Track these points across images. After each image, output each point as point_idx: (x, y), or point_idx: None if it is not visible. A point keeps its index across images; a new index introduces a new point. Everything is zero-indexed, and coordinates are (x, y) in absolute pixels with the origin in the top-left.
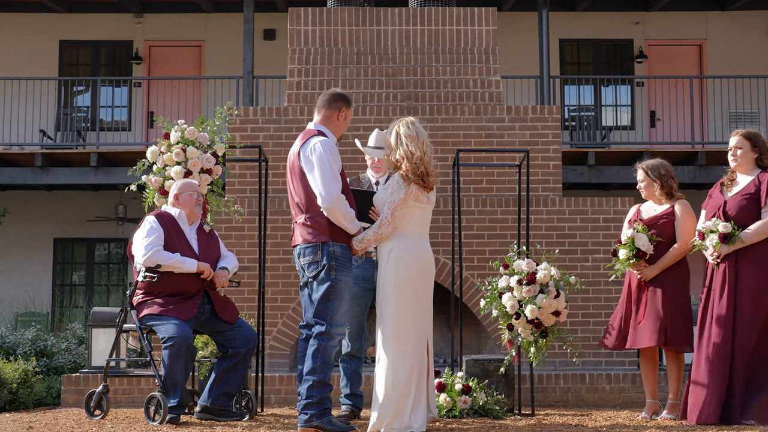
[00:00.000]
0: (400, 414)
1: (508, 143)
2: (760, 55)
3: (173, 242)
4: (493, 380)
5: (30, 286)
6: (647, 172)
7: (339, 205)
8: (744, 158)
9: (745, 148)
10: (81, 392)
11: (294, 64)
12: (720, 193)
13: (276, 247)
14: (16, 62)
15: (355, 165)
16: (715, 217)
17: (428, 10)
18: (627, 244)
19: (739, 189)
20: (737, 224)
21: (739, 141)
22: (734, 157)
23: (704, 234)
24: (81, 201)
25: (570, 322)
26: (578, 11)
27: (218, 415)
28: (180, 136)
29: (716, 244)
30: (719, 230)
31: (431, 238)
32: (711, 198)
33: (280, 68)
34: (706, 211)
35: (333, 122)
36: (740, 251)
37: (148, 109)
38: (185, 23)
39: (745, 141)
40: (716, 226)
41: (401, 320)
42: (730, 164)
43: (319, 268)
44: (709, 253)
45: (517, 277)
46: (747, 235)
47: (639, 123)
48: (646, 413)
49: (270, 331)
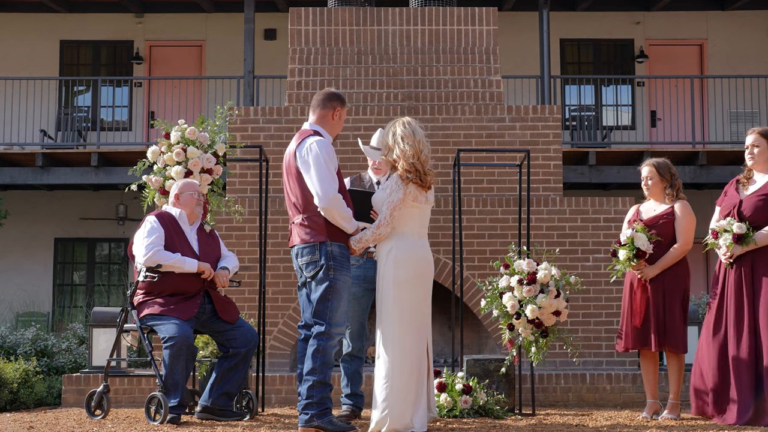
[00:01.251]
0: (401, 414)
1: (509, 143)
2: (761, 54)
3: (174, 242)
4: (494, 380)
5: (30, 286)
6: (657, 168)
7: (336, 205)
8: (761, 156)
9: (762, 146)
10: (82, 392)
11: (294, 64)
12: (736, 191)
13: (276, 246)
14: (17, 62)
15: (356, 165)
16: (729, 216)
17: (429, 10)
18: (626, 244)
19: (755, 189)
20: (752, 224)
21: (756, 139)
22: (751, 156)
23: (718, 233)
24: (81, 201)
25: (570, 321)
26: (579, 11)
27: (219, 415)
28: (180, 135)
29: (730, 244)
30: (734, 230)
31: (431, 238)
32: (726, 195)
33: (280, 68)
34: (721, 209)
35: (328, 122)
36: (756, 252)
37: (148, 109)
38: (186, 23)
39: (762, 139)
40: (731, 226)
41: (401, 320)
42: (747, 162)
43: (318, 268)
44: (722, 253)
45: (518, 277)
46: (760, 237)
47: (639, 123)
48: (646, 413)
49: (270, 331)
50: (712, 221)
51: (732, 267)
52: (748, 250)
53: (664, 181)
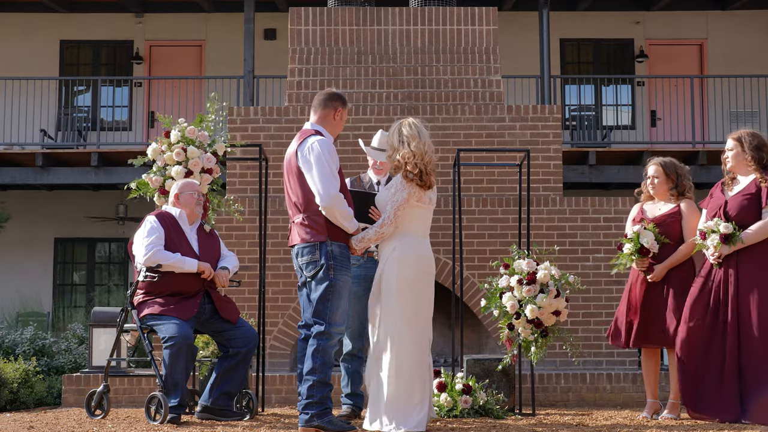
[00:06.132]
0: (402, 414)
1: (509, 143)
2: (761, 54)
3: (174, 242)
4: (494, 380)
5: (30, 285)
6: (664, 167)
7: (337, 204)
8: (735, 159)
9: (736, 149)
10: (82, 392)
11: (294, 63)
12: (721, 192)
13: (276, 246)
14: (17, 62)
15: (356, 165)
16: (716, 217)
17: (429, 10)
18: (632, 238)
19: (740, 189)
20: (738, 224)
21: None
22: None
23: (706, 234)
24: (81, 201)
25: (571, 321)
26: (579, 11)
27: (219, 415)
28: (180, 135)
29: (717, 244)
30: (720, 231)
31: (431, 237)
32: (712, 197)
33: (280, 68)
34: (707, 211)
35: (329, 121)
36: (741, 251)
37: (148, 109)
38: (186, 23)
39: (736, 143)
40: (717, 227)
41: (403, 320)
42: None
43: (318, 268)
44: (710, 253)
45: (518, 277)
46: (748, 236)
47: (639, 122)
48: (647, 413)
49: (271, 331)
50: (700, 223)
51: (720, 267)
52: (735, 249)
53: (670, 181)
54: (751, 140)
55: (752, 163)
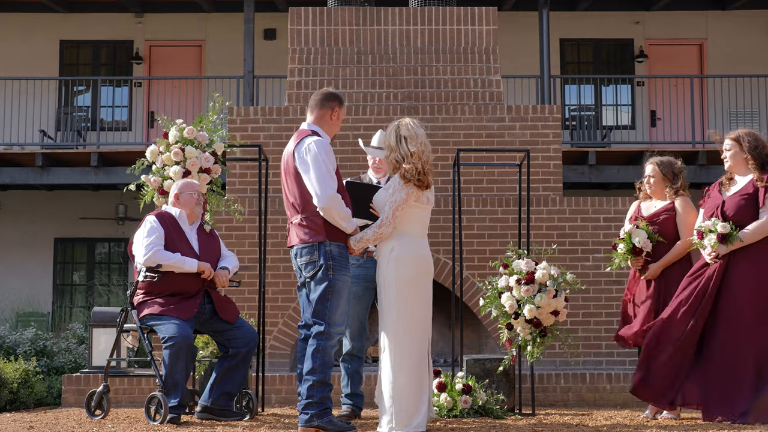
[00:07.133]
0: (404, 414)
1: (509, 143)
2: (760, 54)
3: (174, 242)
4: (494, 380)
5: (30, 285)
6: (660, 167)
7: (335, 205)
8: (734, 159)
9: (734, 149)
10: (82, 392)
11: (294, 63)
12: (718, 192)
13: (276, 246)
14: (17, 62)
15: (356, 165)
16: (714, 217)
17: (428, 10)
18: (624, 238)
19: (737, 189)
20: (735, 224)
21: (728, 143)
22: (725, 159)
23: (703, 233)
24: (81, 201)
25: (570, 321)
26: (579, 11)
27: (219, 415)
28: (179, 135)
29: (714, 243)
30: (718, 230)
31: (431, 237)
32: (710, 197)
33: (280, 68)
34: (705, 210)
35: (326, 122)
36: (737, 249)
37: (148, 109)
38: (185, 23)
39: (734, 143)
40: (715, 226)
41: (402, 321)
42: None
43: (317, 268)
44: (707, 253)
45: (516, 277)
46: (745, 235)
47: (639, 122)
48: (647, 413)
49: (270, 331)
50: (697, 222)
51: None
52: (732, 249)
53: (666, 180)
54: (749, 140)
55: (752, 163)
